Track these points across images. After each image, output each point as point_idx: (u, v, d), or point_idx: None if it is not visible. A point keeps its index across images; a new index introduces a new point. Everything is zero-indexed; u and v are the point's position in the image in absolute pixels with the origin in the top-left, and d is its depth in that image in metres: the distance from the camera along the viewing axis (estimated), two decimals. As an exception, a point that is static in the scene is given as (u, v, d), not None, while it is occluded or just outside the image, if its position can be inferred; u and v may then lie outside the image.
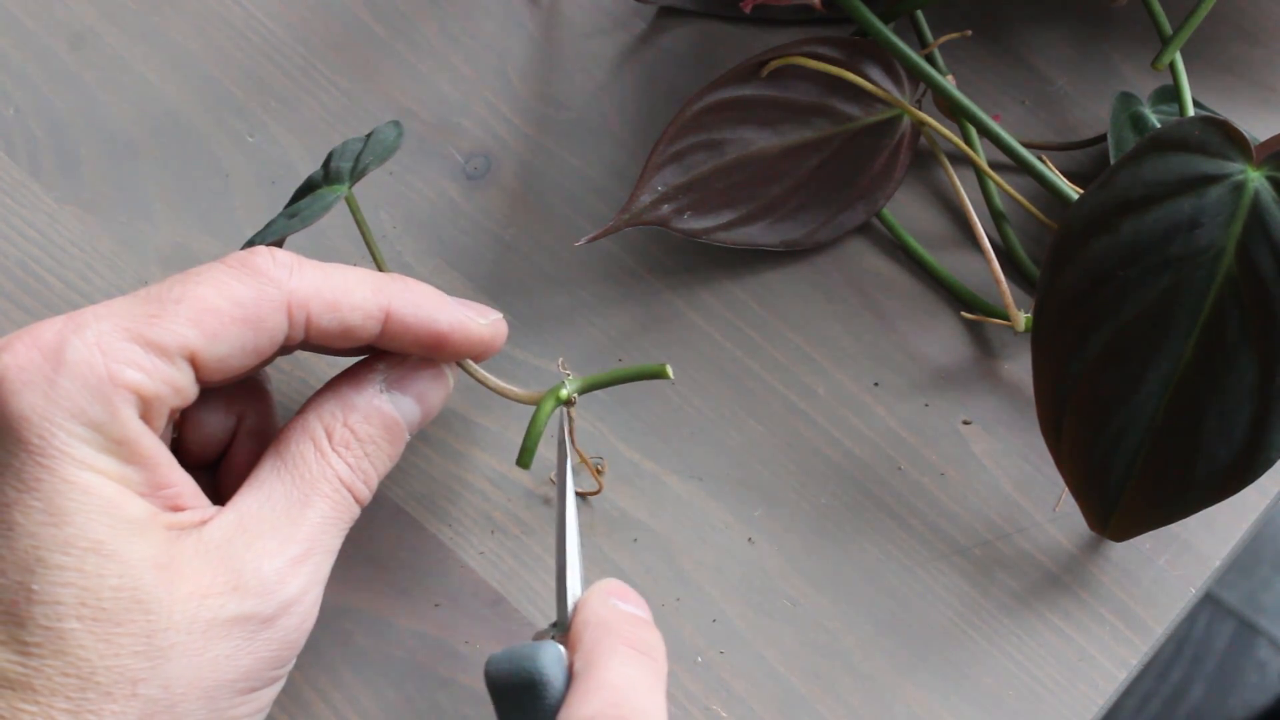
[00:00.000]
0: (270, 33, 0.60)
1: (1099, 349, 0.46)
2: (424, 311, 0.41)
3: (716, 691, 0.49)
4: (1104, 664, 0.50)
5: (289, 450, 0.40)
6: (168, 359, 0.37)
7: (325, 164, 0.48)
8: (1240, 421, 0.46)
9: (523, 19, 0.61)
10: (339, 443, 0.40)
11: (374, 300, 0.40)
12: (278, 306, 0.39)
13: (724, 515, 0.52)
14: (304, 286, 0.39)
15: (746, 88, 0.55)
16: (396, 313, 0.41)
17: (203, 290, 0.38)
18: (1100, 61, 0.60)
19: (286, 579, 0.38)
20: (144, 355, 0.37)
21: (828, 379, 0.54)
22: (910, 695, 0.49)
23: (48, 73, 0.59)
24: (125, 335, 0.37)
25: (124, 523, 0.36)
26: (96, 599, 0.35)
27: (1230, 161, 0.45)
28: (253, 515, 0.38)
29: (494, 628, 0.50)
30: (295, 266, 0.40)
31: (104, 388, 0.36)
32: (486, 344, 0.43)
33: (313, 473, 0.39)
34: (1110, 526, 0.49)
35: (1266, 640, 1.21)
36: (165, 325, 0.38)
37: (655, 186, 0.54)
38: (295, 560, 0.38)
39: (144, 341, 0.37)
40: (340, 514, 0.40)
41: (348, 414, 0.41)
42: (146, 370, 0.37)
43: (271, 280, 0.39)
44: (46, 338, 0.37)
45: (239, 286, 0.39)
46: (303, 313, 0.39)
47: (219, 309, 0.38)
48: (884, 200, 0.56)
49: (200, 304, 0.38)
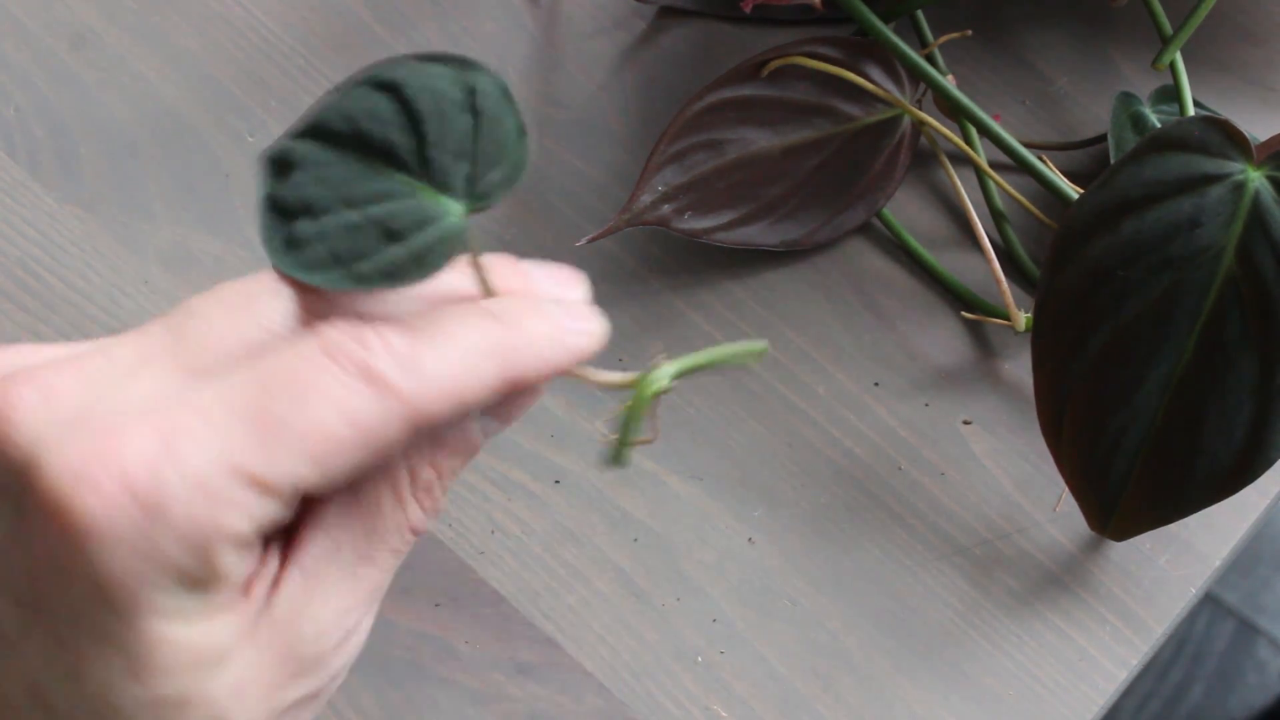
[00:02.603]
0: (270, 33, 0.60)
1: (1099, 349, 0.46)
2: (545, 363, 0.35)
3: (716, 691, 0.49)
4: (1104, 664, 0.50)
5: (363, 492, 0.35)
6: (277, 499, 0.32)
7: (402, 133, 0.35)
8: (1240, 421, 0.46)
9: (523, 19, 0.61)
10: (421, 488, 0.35)
11: (497, 375, 0.34)
12: (401, 425, 0.32)
13: (724, 515, 0.52)
14: (427, 391, 0.33)
15: (746, 88, 0.55)
16: (518, 378, 0.34)
17: (317, 411, 0.32)
18: (1100, 61, 0.60)
19: (340, 651, 0.35)
20: (252, 499, 0.31)
21: (828, 379, 0.54)
22: (910, 695, 0.49)
23: (48, 73, 0.59)
24: (231, 471, 0.31)
25: (211, 664, 0.32)
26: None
27: (1230, 161, 0.45)
28: (317, 576, 0.34)
29: (494, 628, 0.50)
30: (413, 359, 0.33)
31: (206, 542, 0.31)
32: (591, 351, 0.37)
33: (385, 524, 0.35)
34: (1110, 526, 0.49)
35: (1266, 640, 1.21)
36: (277, 460, 0.31)
37: (655, 186, 0.54)
38: (350, 630, 0.35)
39: (251, 480, 0.31)
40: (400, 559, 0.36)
41: (436, 451, 0.35)
42: (253, 515, 0.31)
43: (394, 392, 0.32)
44: (137, 468, 0.30)
45: (358, 403, 0.32)
46: (425, 420, 0.33)
47: (337, 436, 0.32)
48: (884, 200, 0.56)
49: (315, 430, 0.31)
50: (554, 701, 0.49)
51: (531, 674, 0.49)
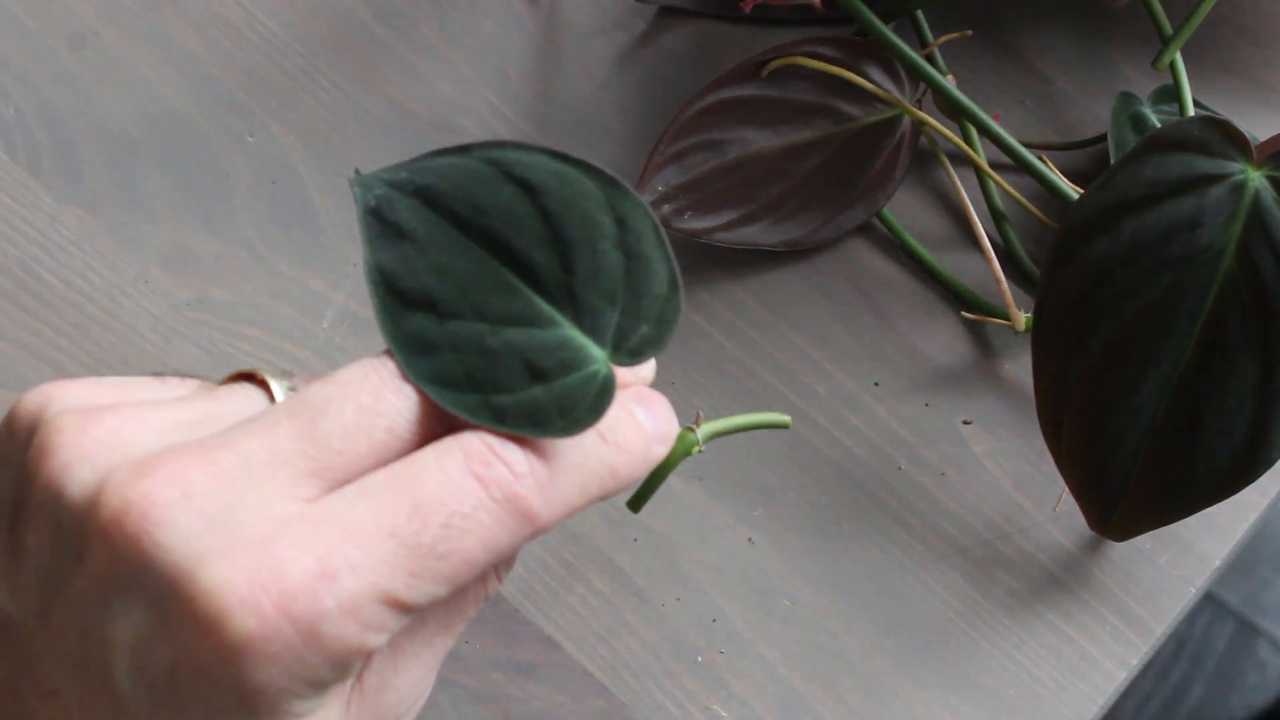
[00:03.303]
0: (270, 33, 0.60)
1: (1099, 349, 0.46)
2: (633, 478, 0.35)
3: (716, 691, 0.49)
4: (1104, 664, 0.50)
5: None
6: (411, 616, 0.32)
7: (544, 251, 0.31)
8: (1240, 421, 0.46)
9: (523, 19, 0.61)
10: (504, 562, 0.36)
11: (603, 494, 0.35)
12: (524, 542, 0.33)
13: (724, 515, 0.52)
14: (554, 518, 0.33)
15: (746, 88, 0.55)
16: (611, 494, 0.35)
17: (470, 545, 0.32)
18: (1100, 61, 0.60)
19: (410, 713, 0.35)
20: (395, 620, 0.32)
21: (828, 379, 0.54)
22: (910, 695, 0.49)
23: (48, 73, 0.59)
24: (381, 598, 0.31)
25: None
26: None
27: (1230, 161, 0.45)
28: (402, 648, 0.34)
29: (494, 628, 0.50)
30: (549, 483, 0.33)
31: (349, 660, 0.32)
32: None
33: (469, 598, 0.35)
34: (1110, 526, 0.49)
35: (1266, 640, 1.21)
36: (423, 589, 0.32)
37: (655, 186, 0.54)
38: (424, 692, 0.35)
39: (399, 606, 0.32)
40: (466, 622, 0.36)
41: None
42: (391, 631, 0.32)
43: (533, 519, 0.33)
44: (296, 591, 0.30)
45: (505, 537, 0.32)
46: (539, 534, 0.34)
47: (477, 563, 0.32)
48: (884, 200, 0.56)
49: (463, 561, 0.32)
50: (554, 701, 0.49)
51: (531, 674, 0.49)
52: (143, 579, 0.31)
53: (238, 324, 0.54)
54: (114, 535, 0.31)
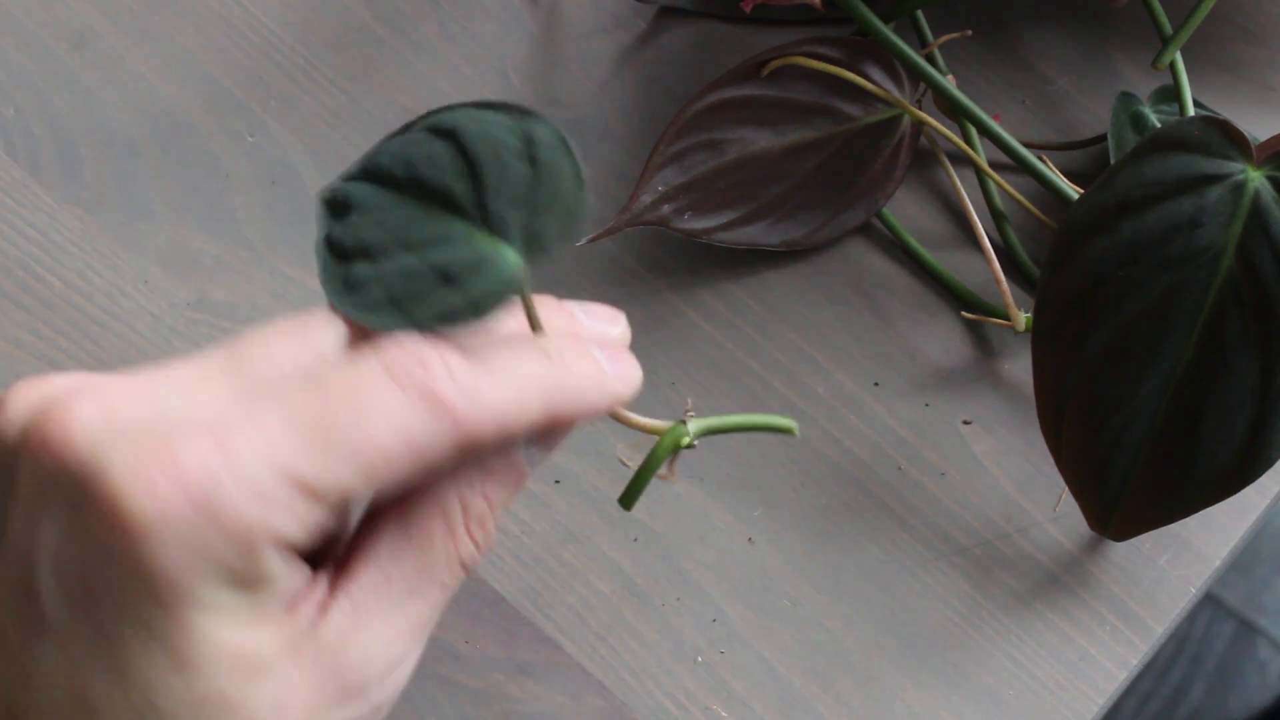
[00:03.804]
0: (270, 33, 0.60)
1: (1099, 349, 0.46)
2: (585, 405, 0.36)
3: (716, 691, 0.49)
4: (1104, 664, 0.50)
5: (415, 524, 0.35)
6: (324, 506, 0.33)
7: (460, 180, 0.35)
8: (1240, 421, 0.46)
9: (523, 19, 0.61)
10: (474, 521, 0.36)
11: (542, 410, 0.35)
12: (450, 446, 0.33)
13: (724, 515, 0.52)
14: (479, 415, 0.33)
15: (746, 88, 0.55)
16: (560, 415, 0.35)
17: (374, 426, 0.32)
18: (1100, 61, 0.60)
19: (386, 682, 0.35)
20: (301, 502, 0.32)
21: (828, 379, 0.54)
22: (910, 695, 0.49)
23: (48, 73, 0.59)
24: (283, 475, 0.32)
25: (253, 669, 0.33)
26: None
27: (1230, 161, 0.45)
28: (365, 604, 0.34)
29: (494, 628, 0.50)
30: (471, 384, 0.33)
31: (254, 541, 0.32)
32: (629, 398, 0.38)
33: (437, 556, 0.35)
34: (1110, 526, 0.49)
35: (1266, 640, 1.21)
36: (329, 469, 0.32)
37: (656, 186, 0.54)
38: (397, 659, 0.35)
39: (303, 487, 0.32)
40: (450, 593, 0.36)
41: (485, 482, 0.36)
42: (299, 518, 0.32)
43: (450, 415, 0.33)
44: (194, 471, 0.31)
45: (414, 423, 0.33)
46: (474, 445, 0.34)
47: (389, 452, 0.32)
48: (884, 200, 0.56)
49: (369, 444, 0.32)
50: (554, 701, 0.49)
51: (531, 674, 0.49)
52: (61, 488, 0.31)
53: (237, 324, 0.54)
54: (38, 454, 0.32)
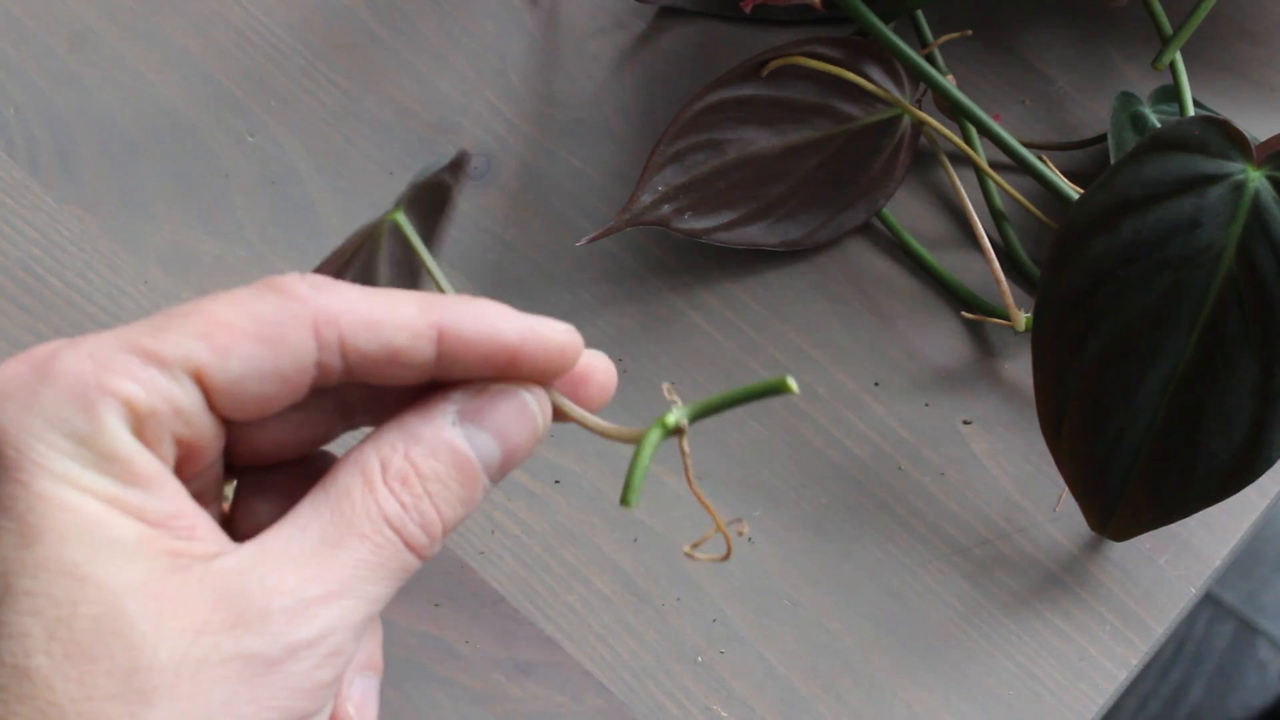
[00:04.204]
0: (270, 33, 0.60)
1: (1099, 349, 0.46)
2: (485, 323, 0.36)
3: (716, 691, 0.49)
4: (1104, 664, 0.50)
5: (334, 483, 0.35)
6: (166, 371, 0.33)
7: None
8: (1240, 421, 0.46)
9: (523, 19, 0.61)
10: (394, 477, 0.35)
11: (423, 316, 0.35)
12: (302, 322, 0.34)
13: (724, 515, 0.52)
14: (336, 302, 0.35)
15: (746, 88, 0.55)
16: (452, 328, 0.35)
17: (214, 305, 0.34)
18: (1100, 61, 0.60)
19: (298, 619, 0.33)
20: (139, 365, 0.33)
21: (828, 379, 0.54)
22: (910, 695, 0.49)
23: (48, 73, 0.59)
24: (123, 347, 0.33)
25: (106, 544, 0.32)
26: (69, 631, 0.31)
27: (1230, 161, 0.45)
28: (275, 549, 0.34)
29: (494, 628, 0.50)
30: (327, 285, 0.35)
31: (89, 395, 0.33)
32: (565, 352, 0.37)
33: (355, 509, 0.35)
34: (1110, 526, 0.49)
35: (1266, 640, 1.21)
36: (167, 336, 0.34)
37: (656, 186, 0.54)
38: (313, 601, 0.34)
39: (141, 352, 0.33)
40: (383, 560, 0.35)
41: (410, 446, 0.36)
42: (140, 380, 0.33)
43: (296, 297, 0.34)
44: (39, 353, 0.33)
45: (257, 303, 0.34)
46: (333, 331, 0.34)
47: (231, 323, 0.34)
48: (884, 200, 0.56)
49: (211, 318, 0.34)
50: (554, 701, 0.49)
51: (531, 674, 0.49)
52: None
53: (238, 324, 0.54)
54: None
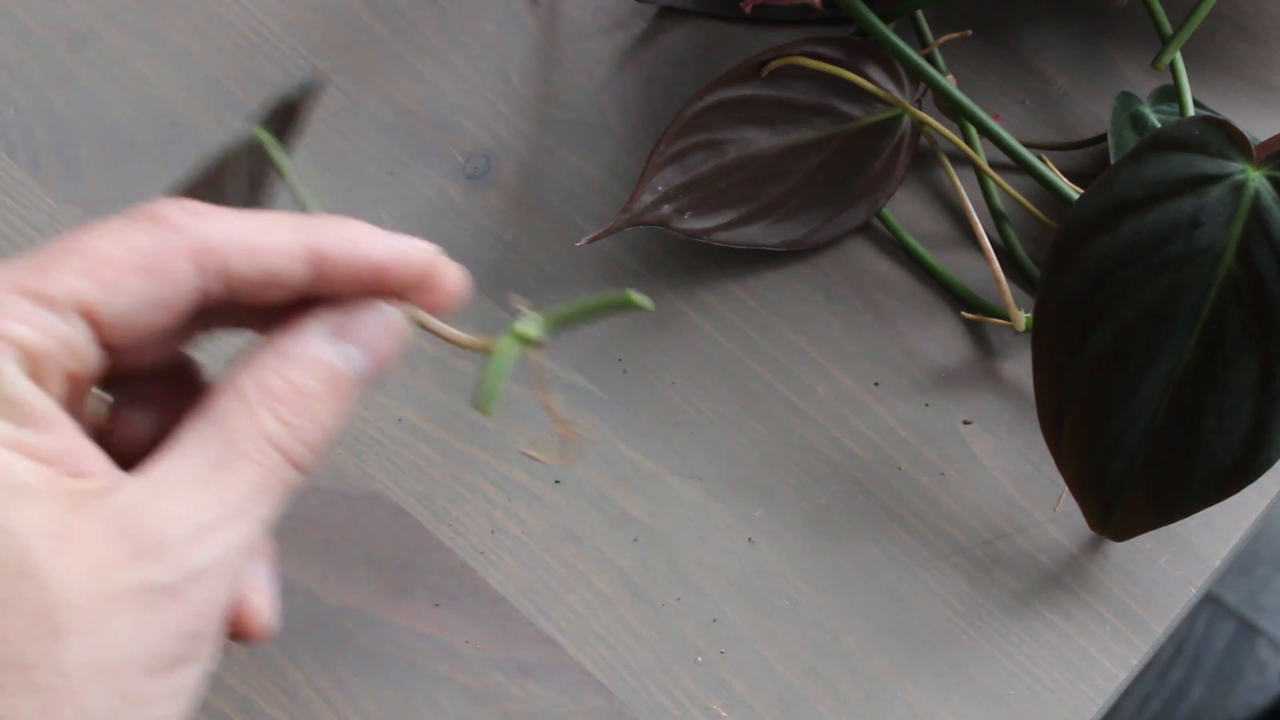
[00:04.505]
0: (270, 33, 0.60)
1: (1099, 349, 0.46)
2: (357, 245, 0.37)
3: (716, 691, 0.49)
4: (1104, 664, 0.50)
5: (214, 408, 0.35)
6: (56, 311, 0.34)
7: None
8: (1240, 421, 0.46)
9: (523, 19, 0.61)
10: (272, 397, 0.36)
11: (297, 240, 0.36)
12: (183, 252, 0.35)
13: (724, 515, 0.52)
14: (214, 230, 0.36)
15: (746, 88, 0.55)
16: (325, 250, 0.36)
17: (96, 240, 0.35)
18: (1100, 61, 0.60)
19: (194, 545, 0.34)
20: (28, 307, 0.34)
21: (828, 379, 0.54)
22: (910, 695, 0.49)
23: (48, 73, 0.59)
24: (11, 289, 0.34)
25: (8, 488, 0.33)
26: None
27: (1230, 161, 0.45)
28: (165, 480, 0.34)
29: (494, 628, 0.50)
30: (205, 213, 0.36)
31: None
32: (430, 275, 0.38)
33: (237, 432, 0.35)
34: (1110, 526, 0.49)
35: (1266, 640, 1.21)
36: (52, 275, 0.34)
37: (656, 186, 0.54)
38: (207, 526, 0.34)
39: (28, 292, 0.34)
40: (269, 479, 0.36)
41: (283, 365, 0.36)
42: (29, 322, 0.34)
43: (175, 227, 0.36)
44: None
45: (138, 234, 0.35)
46: (215, 259, 0.35)
47: (115, 257, 0.35)
48: (884, 200, 0.56)
49: (94, 254, 0.35)
50: (554, 701, 0.49)
51: (531, 674, 0.49)
52: None
53: (238, 324, 0.54)
54: None
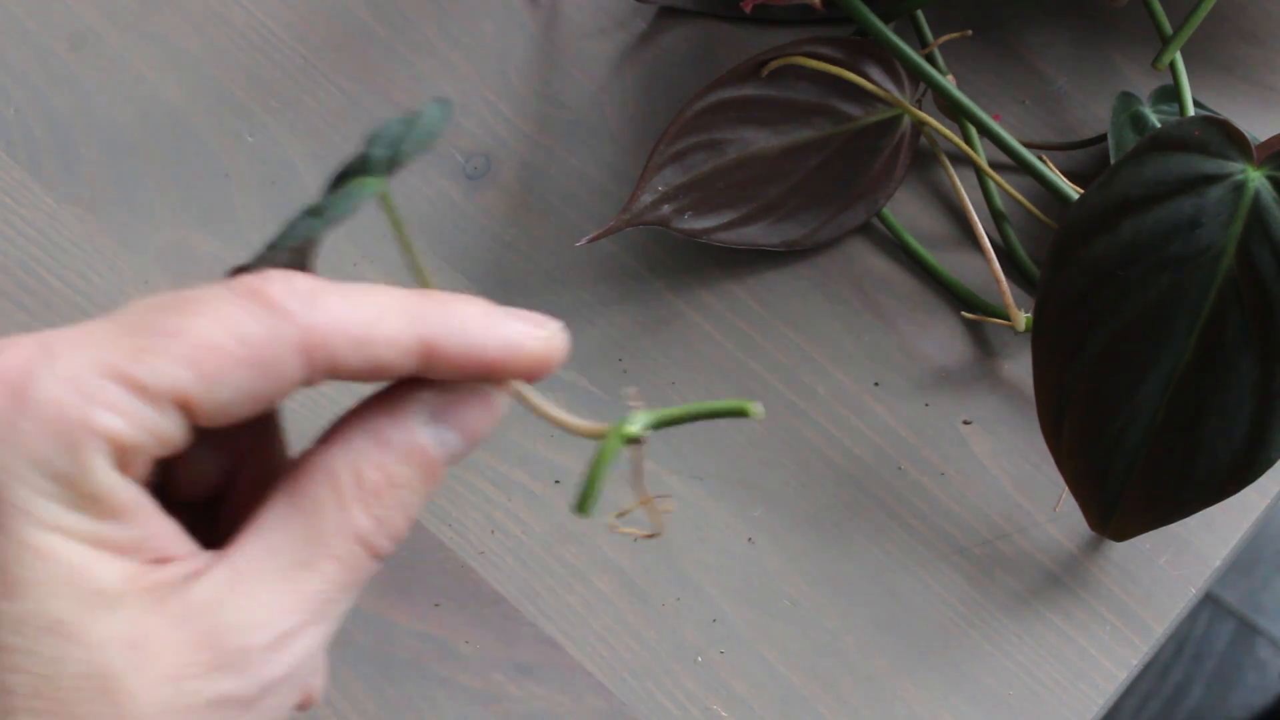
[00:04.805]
0: (270, 33, 0.60)
1: (1099, 349, 0.46)
2: (471, 338, 0.34)
3: (716, 691, 0.49)
4: (1104, 664, 0.50)
5: (304, 494, 0.34)
6: (154, 404, 0.32)
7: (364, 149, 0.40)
8: (1240, 421, 0.46)
9: (523, 19, 0.61)
10: (367, 491, 0.34)
11: (410, 330, 0.34)
12: (293, 347, 0.33)
13: (724, 515, 0.52)
14: (326, 320, 0.33)
15: (746, 88, 0.55)
16: (437, 344, 0.34)
17: (202, 323, 0.32)
18: (1100, 61, 0.60)
19: (272, 657, 0.33)
20: (125, 397, 0.31)
21: (828, 379, 0.54)
22: (910, 695, 0.49)
23: (48, 73, 0.59)
24: (104, 371, 0.31)
25: (92, 595, 0.31)
26: (54, 690, 0.30)
27: (1230, 161, 0.45)
28: (248, 572, 0.33)
29: (494, 628, 0.50)
30: (316, 295, 0.33)
31: (74, 434, 0.31)
32: (543, 363, 0.36)
33: (327, 526, 0.34)
34: (1110, 526, 0.49)
35: (1266, 640, 1.21)
36: (154, 363, 0.31)
37: (656, 186, 0.54)
38: (286, 634, 0.33)
39: (126, 381, 0.31)
40: (353, 575, 0.34)
41: (381, 454, 0.34)
42: (127, 415, 0.31)
43: (286, 314, 0.32)
44: (11, 367, 0.31)
45: (247, 320, 0.32)
46: (323, 353, 0.33)
47: (220, 347, 0.32)
48: (884, 200, 0.56)
49: (198, 340, 0.32)
50: (554, 701, 0.49)
51: (531, 674, 0.49)
52: None
53: (238, 324, 0.54)
54: None
